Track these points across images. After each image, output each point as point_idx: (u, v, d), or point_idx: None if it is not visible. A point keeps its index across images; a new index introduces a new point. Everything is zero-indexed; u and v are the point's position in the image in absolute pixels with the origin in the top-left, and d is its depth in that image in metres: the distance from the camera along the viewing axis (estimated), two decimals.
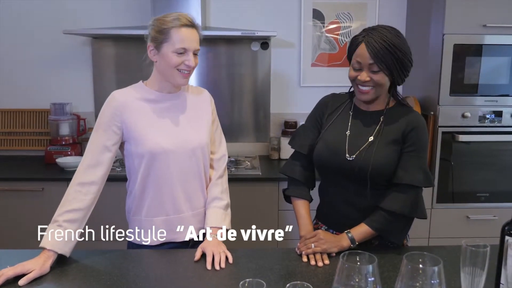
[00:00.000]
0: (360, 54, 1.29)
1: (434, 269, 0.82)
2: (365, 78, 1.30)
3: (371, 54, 1.27)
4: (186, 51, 1.36)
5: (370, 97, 1.35)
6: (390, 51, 1.26)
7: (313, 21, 2.90)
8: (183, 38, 1.35)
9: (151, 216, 1.46)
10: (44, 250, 1.25)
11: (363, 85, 1.32)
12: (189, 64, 1.36)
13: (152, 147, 1.39)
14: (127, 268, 1.25)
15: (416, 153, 1.34)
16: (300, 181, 1.50)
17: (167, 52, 1.36)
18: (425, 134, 1.38)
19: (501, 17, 2.38)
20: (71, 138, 2.80)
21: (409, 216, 1.34)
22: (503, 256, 0.93)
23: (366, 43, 1.28)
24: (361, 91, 1.34)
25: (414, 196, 1.34)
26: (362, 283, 0.82)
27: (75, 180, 1.35)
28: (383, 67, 1.28)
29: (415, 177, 1.32)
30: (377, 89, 1.33)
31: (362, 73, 1.31)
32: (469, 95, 2.45)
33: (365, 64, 1.29)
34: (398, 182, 1.33)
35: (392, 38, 1.27)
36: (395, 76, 1.31)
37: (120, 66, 2.88)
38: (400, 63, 1.29)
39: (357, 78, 1.33)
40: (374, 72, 1.30)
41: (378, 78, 1.30)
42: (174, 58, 1.35)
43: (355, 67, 1.33)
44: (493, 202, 2.54)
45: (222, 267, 1.25)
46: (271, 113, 2.99)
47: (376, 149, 1.34)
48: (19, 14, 2.84)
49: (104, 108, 1.41)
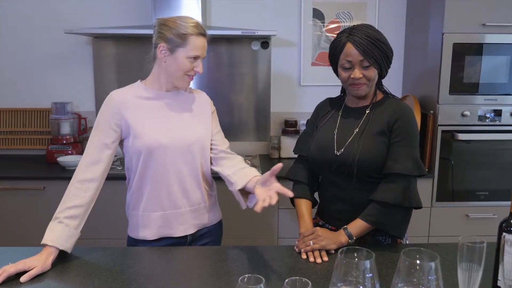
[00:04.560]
0: (349, 53, 1.35)
1: (431, 264, 0.83)
2: (359, 75, 1.36)
3: (360, 51, 1.33)
4: (198, 58, 1.42)
5: (363, 91, 1.40)
6: (376, 45, 1.34)
7: (313, 21, 2.91)
8: (198, 46, 1.41)
9: (149, 211, 1.49)
10: (45, 247, 1.26)
11: (357, 82, 1.37)
12: (198, 70, 1.44)
13: (149, 143, 1.42)
14: (127, 265, 1.26)
15: (404, 143, 1.36)
16: (303, 182, 1.54)
17: (180, 57, 1.40)
18: (412, 123, 1.39)
19: (500, 16, 2.39)
20: (72, 137, 2.81)
21: (402, 205, 1.34)
22: (500, 253, 0.94)
23: (352, 42, 1.34)
24: (354, 87, 1.39)
25: (406, 186, 1.34)
26: (360, 278, 0.83)
27: (76, 178, 1.37)
28: (373, 61, 1.35)
29: (404, 166, 1.34)
30: (370, 84, 1.40)
31: (355, 71, 1.36)
32: (468, 94, 2.46)
33: (356, 61, 1.35)
34: (387, 172, 1.35)
35: (374, 33, 1.36)
36: (382, 68, 1.39)
37: (121, 66, 2.90)
38: (385, 55, 1.37)
39: (350, 77, 1.38)
40: (365, 68, 1.36)
41: (369, 73, 1.37)
42: (187, 64, 1.41)
43: (345, 66, 1.38)
44: (493, 200, 2.54)
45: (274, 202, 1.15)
46: (271, 112, 3.00)
47: (361, 142, 1.38)
48: (20, 14, 2.85)
49: (103, 107, 1.45)
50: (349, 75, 1.38)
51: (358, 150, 1.37)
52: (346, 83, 1.41)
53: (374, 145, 1.37)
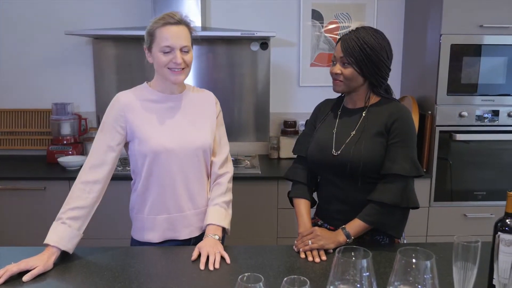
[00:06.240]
0: (336, 49, 1.42)
1: (427, 263, 0.84)
2: (336, 70, 1.41)
3: (342, 48, 1.38)
4: (172, 49, 1.38)
5: (339, 88, 1.44)
6: (360, 47, 1.35)
7: (312, 22, 2.93)
8: (166, 36, 1.36)
9: (154, 214, 1.49)
10: (48, 247, 1.27)
11: (335, 77, 1.42)
12: (176, 61, 1.37)
13: (155, 147, 1.42)
14: (129, 265, 1.28)
15: (401, 144, 1.37)
16: (302, 182, 1.56)
17: (155, 52, 1.39)
18: (410, 124, 1.40)
19: (497, 17, 2.40)
20: (72, 137, 2.83)
21: (400, 206, 1.36)
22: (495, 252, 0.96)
23: (342, 40, 1.39)
24: (333, 82, 1.45)
25: (403, 186, 1.36)
26: (358, 277, 0.84)
27: (80, 179, 1.38)
28: (351, 61, 1.37)
29: (402, 166, 1.35)
30: (346, 83, 1.42)
31: (335, 65, 1.42)
32: (466, 94, 2.47)
33: (338, 57, 1.41)
34: (385, 173, 1.37)
35: (366, 37, 1.37)
36: (365, 73, 1.38)
37: (121, 67, 2.91)
38: (370, 61, 1.36)
39: (331, 71, 1.44)
40: (344, 66, 1.39)
41: (347, 72, 1.39)
42: (162, 57, 1.38)
43: (333, 61, 1.44)
44: (490, 200, 2.56)
45: (216, 268, 1.25)
46: (271, 112, 3.01)
47: (359, 143, 1.39)
48: (21, 15, 2.87)
49: (108, 109, 1.44)
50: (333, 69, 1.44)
51: (356, 151, 1.38)
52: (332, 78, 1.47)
53: (373, 146, 1.39)
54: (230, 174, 1.59)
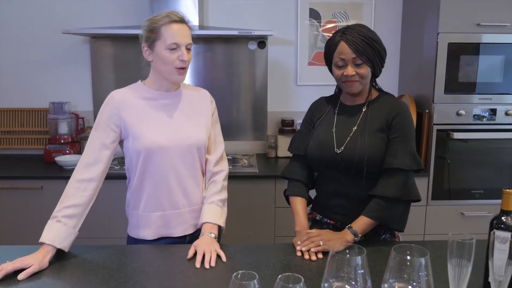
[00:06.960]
0: (342, 51, 1.38)
1: (421, 261, 0.84)
2: (351, 72, 1.39)
3: (352, 49, 1.36)
4: (179, 46, 1.39)
5: (356, 89, 1.43)
6: (369, 44, 1.37)
7: (309, 20, 2.93)
8: (174, 33, 1.37)
9: (149, 211, 1.49)
10: (43, 245, 1.27)
11: (350, 79, 1.40)
12: (183, 58, 1.39)
13: (149, 144, 1.42)
14: (124, 263, 1.27)
15: (402, 139, 1.40)
16: (298, 180, 1.56)
17: (160, 50, 1.38)
18: (409, 119, 1.43)
19: (495, 16, 2.40)
20: (69, 137, 2.82)
21: (402, 199, 1.37)
22: (490, 249, 0.96)
23: (346, 40, 1.38)
24: (348, 84, 1.42)
25: (404, 180, 1.38)
26: (352, 274, 0.84)
27: (74, 177, 1.38)
28: (365, 59, 1.38)
29: (403, 161, 1.37)
30: (363, 82, 1.42)
31: (347, 68, 1.39)
32: (463, 93, 2.47)
33: (349, 59, 1.38)
34: (387, 168, 1.39)
35: (367, 32, 1.39)
36: (375, 67, 1.41)
37: (118, 66, 2.91)
38: (378, 54, 1.40)
39: (343, 75, 1.41)
40: (358, 66, 1.39)
41: (362, 71, 1.39)
42: (168, 55, 1.38)
43: (339, 64, 1.41)
44: (488, 199, 2.56)
45: (212, 266, 1.26)
46: (268, 111, 3.01)
47: (361, 139, 1.41)
48: (18, 14, 2.86)
49: (103, 107, 1.45)
50: (342, 72, 1.41)
51: (361, 146, 1.39)
52: (340, 81, 1.44)
53: (374, 142, 1.40)
54: (225, 172, 1.59)
